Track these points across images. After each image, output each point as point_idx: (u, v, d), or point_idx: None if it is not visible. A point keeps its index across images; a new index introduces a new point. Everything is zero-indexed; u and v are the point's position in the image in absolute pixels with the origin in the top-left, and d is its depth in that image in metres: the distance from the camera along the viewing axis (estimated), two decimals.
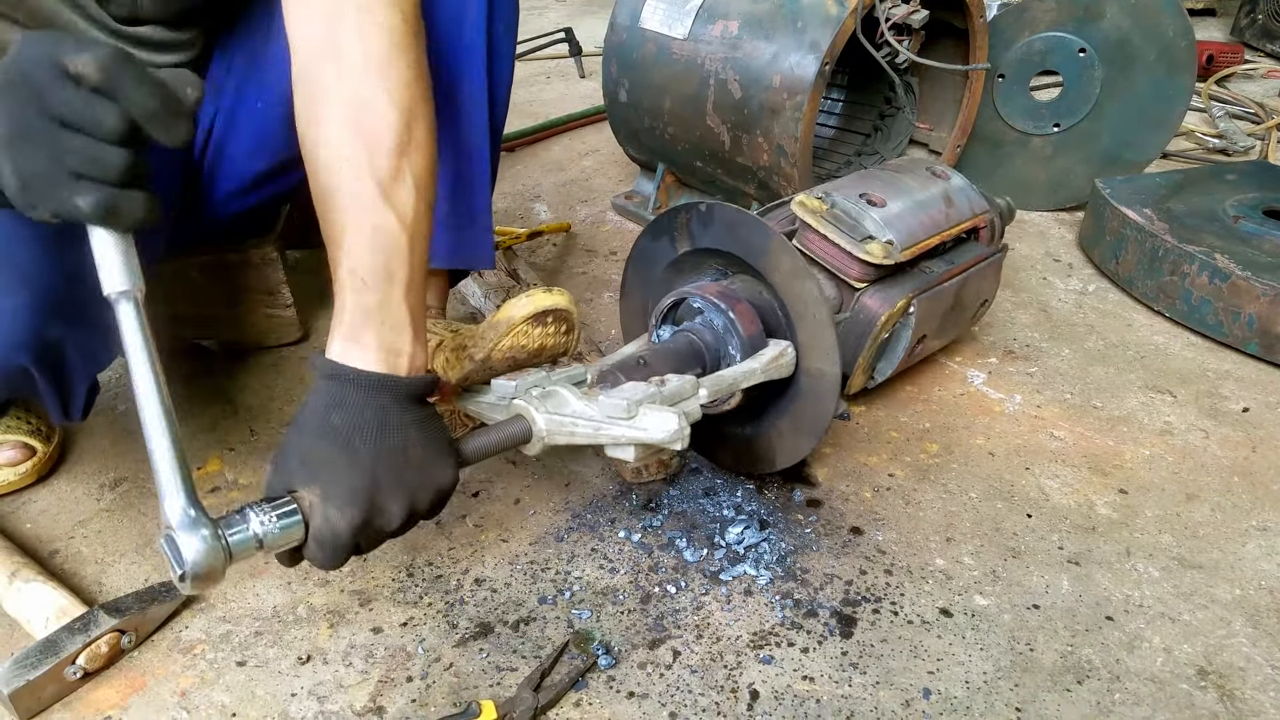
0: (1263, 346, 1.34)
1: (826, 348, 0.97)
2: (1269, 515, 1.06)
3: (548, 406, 0.87)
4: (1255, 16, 3.02)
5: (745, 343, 0.99)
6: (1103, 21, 1.67)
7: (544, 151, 2.22)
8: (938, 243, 1.16)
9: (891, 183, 1.19)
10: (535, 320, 0.96)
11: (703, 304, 1.01)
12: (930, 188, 1.20)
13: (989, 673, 0.86)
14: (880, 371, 1.19)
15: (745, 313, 0.99)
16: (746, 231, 1.00)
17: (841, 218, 1.11)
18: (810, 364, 0.99)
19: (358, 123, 0.79)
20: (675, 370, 0.97)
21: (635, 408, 0.84)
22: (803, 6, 1.40)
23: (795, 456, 1.06)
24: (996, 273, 1.27)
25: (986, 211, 1.24)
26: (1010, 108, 1.74)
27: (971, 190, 1.24)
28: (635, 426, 0.84)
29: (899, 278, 1.13)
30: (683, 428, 0.82)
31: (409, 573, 0.97)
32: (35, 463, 1.08)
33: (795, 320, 0.99)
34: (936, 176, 1.23)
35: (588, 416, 0.85)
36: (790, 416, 1.03)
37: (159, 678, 0.85)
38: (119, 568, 0.98)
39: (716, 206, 1.01)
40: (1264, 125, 2.26)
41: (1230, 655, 0.88)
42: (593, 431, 0.85)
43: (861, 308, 1.13)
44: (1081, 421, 1.22)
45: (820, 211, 1.11)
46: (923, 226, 1.15)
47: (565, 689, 0.83)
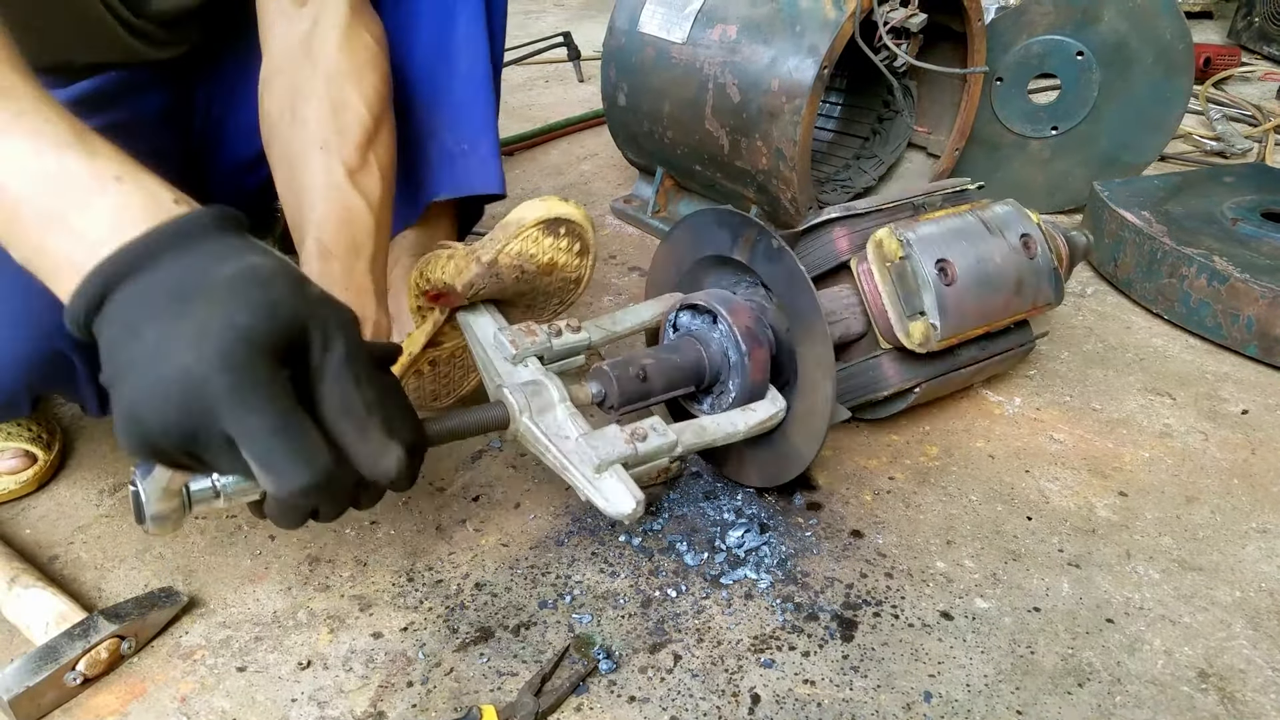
0: (1262, 349, 1.34)
1: (813, 435, 0.98)
2: (1269, 517, 1.06)
3: (533, 407, 0.87)
4: (1252, 19, 3.02)
5: (747, 387, 0.99)
6: (1100, 25, 1.67)
7: (542, 156, 2.22)
8: (980, 334, 1.13)
9: (977, 246, 1.09)
10: (547, 228, 0.93)
11: (724, 331, 1.00)
12: (1009, 270, 1.11)
13: (990, 675, 0.86)
14: (862, 414, 1.20)
15: (759, 360, 0.98)
16: (799, 296, 0.97)
17: (907, 278, 1.06)
18: (793, 432, 1.00)
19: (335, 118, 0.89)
20: (670, 386, 0.98)
21: (605, 467, 0.84)
22: (801, 11, 1.40)
23: (744, 482, 1.08)
24: (1023, 356, 1.26)
25: (1049, 304, 1.17)
26: (1008, 111, 1.74)
27: (1046, 275, 1.15)
28: (596, 488, 0.83)
29: (926, 357, 1.11)
30: (636, 512, 0.82)
31: (409, 577, 0.97)
32: (36, 470, 1.08)
33: (800, 395, 0.99)
34: (1025, 250, 1.13)
35: (559, 448, 0.85)
36: (757, 451, 1.04)
37: (159, 684, 0.85)
38: (119, 573, 0.98)
39: (787, 255, 0.97)
40: (1261, 127, 2.26)
41: (1231, 657, 0.88)
42: (558, 466, 0.86)
43: (875, 366, 1.12)
44: (1081, 424, 1.22)
45: (891, 260, 1.06)
46: (974, 317, 1.09)
47: (566, 694, 0.83)
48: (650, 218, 1.77)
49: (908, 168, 1.74)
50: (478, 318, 1.02)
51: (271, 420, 0.50)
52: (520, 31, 3.33)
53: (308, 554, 1.00)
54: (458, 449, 1.17)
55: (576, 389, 0.93)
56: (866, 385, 1.13)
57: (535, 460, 1.14)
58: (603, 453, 0.84)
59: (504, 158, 2.14)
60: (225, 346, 0.48)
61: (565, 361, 0.99)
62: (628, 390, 0.95)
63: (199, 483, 0.68)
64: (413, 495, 1.09)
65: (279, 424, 0.51)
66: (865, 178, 1.73)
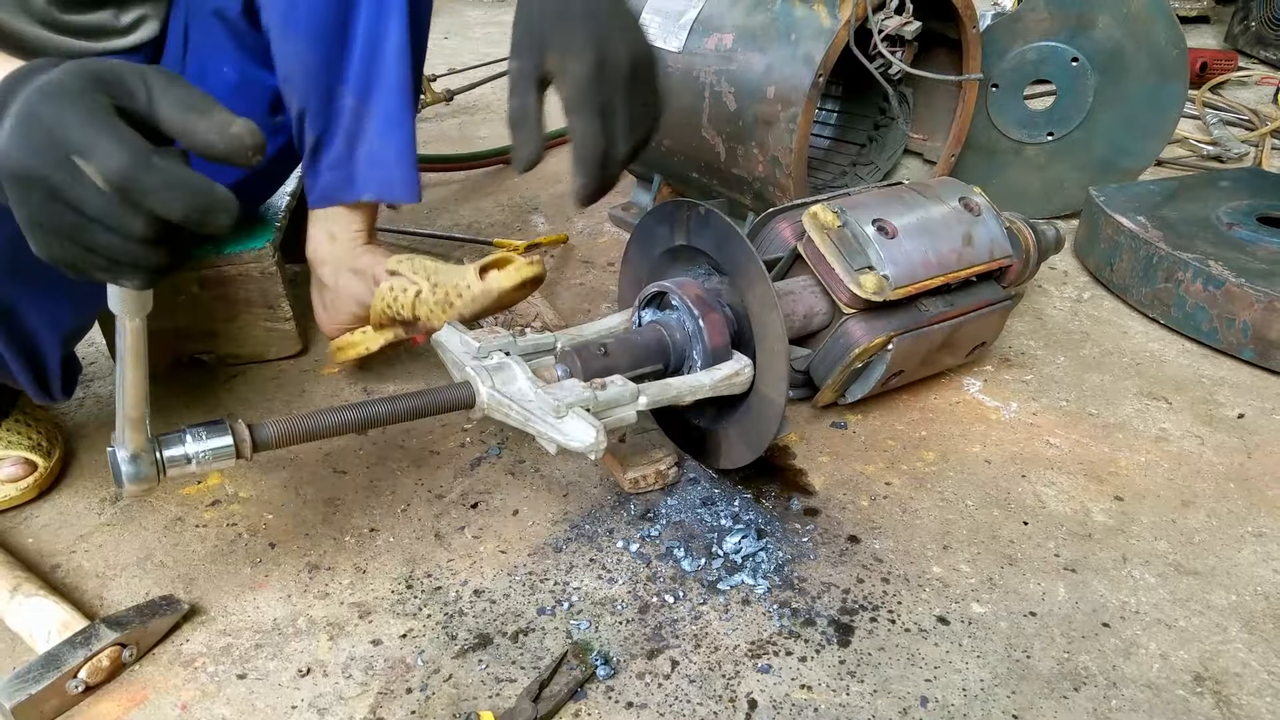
0: (1257, 353, 1.35)
1: (777, 378, 0.99)
2: (1264, 521, 1.07)
3: (496, 380, 0.91)
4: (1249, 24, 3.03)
5: (709, 352, 1.01)
6: (1095, 31, 1.68)
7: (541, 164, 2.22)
8: (939, 284, 1.15)
9: (915, 209, 1.16)
10: (516, 289, 1.11)
11: (678, 304, 1.03)
12: (953, 223, 1.16)
13: (986, 680, 0.86)
14: (851, 393, 1.21)
15: (715, 323, 1.01)
16: (732, 247, 1.01)
17: (848, 240, 1.10)
18: (762, 387, 1.02)
19: None
20: (635, 363, 1.01)
21: (565, 410, 0.87)
22: (796, 19, 1.41)
23: (737, 463, 1.08)
24: (1001, 318, 1.26)
25: (1008, 256, 1.20)
26: (1004, 117, 1.75)
27: (999, 232, 1.19)
28: (558, 429, 0.87)
29: (888, 311, 1.13)
30: (599, 441, 0.85)
31: (408, 584, 0.98)
32: (36, 478, 1.09)
33: (757, 343, 1.02)
34: (967, 210, 1.18)
35: (523, 403, 0.89)
36: (739, 426, 1.06)
37: (160, 691, 0.86)
38: (120, 581, 0.98)
39: (712, 215, 1.02)
40: (1258, 132, 2.27)
41: (1226, 661, 0.89)
42: (522, 420, 0.89)
43: (843, 332, 1.14)
44: (1077, 429, 1.23)
45: (830, 228, 1.11)
46: (927, 266, 1.13)
47: (564, 700, 0.84)
48: None
49: (904, 174, 1.75)
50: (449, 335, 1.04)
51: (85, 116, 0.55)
52: None
53: (307, 561, 1.01)
54: (457, 457, 1.17)
55: (542, 370, 0.97)
56: (839, 353, 1.14)
57: (533, 467, 1.15)
58: (561, 396, 0.88)
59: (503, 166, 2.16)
60: (44, 84, 0.56)
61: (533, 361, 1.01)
62: (592, 366, 0.98)
63: (171, 449, 0.78)
64: (411, 502, 1.09)
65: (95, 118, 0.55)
66: (862, 184, 1.73)
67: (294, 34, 1.05)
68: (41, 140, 0.55)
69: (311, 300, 1.31)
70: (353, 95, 1.09)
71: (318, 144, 1.15)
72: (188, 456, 0.79)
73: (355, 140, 1.13)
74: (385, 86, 1.09)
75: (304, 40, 1.05)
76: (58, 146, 0.55)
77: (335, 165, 1.15)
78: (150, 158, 0.55)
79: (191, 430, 0.80)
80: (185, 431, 0.80)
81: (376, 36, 1.06)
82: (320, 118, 1.12)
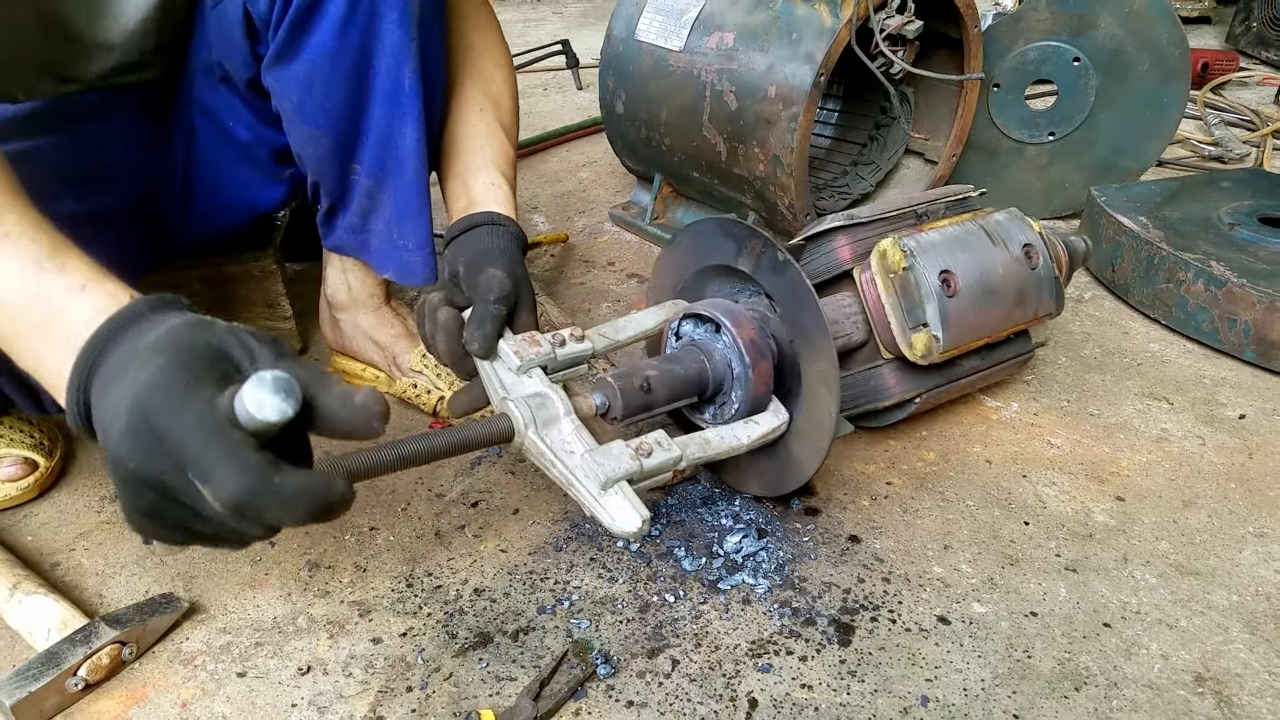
0: (1259, 353, 1.35)
1: (815, 449, 0.98)
2: (1265, 521, 1.06)
3: (538, 420, 0.87)
4: (1250, 24, 3.03)
5: (750, 399, 0.99)
6: (1097, 31, 1.68)
7: (541, 163, 2.23)
8: (981, 345, 1.13)
9: (981, 259, 1.09)
10: None
11: (728, 342, 1.00)
12: (1011, 280, 1.11)
13: (987, 680, 0.86)
14: (862, 423, 1.20)
15: (763, 373, 0.99)
16: (804, 313, 0.97)
17: (910, 289, 1.06)
18: (794, 445, 1.00)
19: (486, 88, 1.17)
20: (673, 397, 0.98)
21: (610, 484, 0.84)
22: (798, 18, 1.41)
23: (744, 489, 1.09)
24: (1022, 366, 1.26)
25: (1050, 314, 1.18)
26: (1005, 116, 1.75)
27: (1048, 284, 1.15)
28: (602, 505, 0.83)
29: (927, 369, 1.11)
30: (642, 529, 0.82)
31: (408, 583, 0.98)
32: (37, 478, 1.09)
33: (803, 410, 0.99)
34: (1027, 262, 1.13)
35: (565, 463, 0.85)
36: (758, 461, 1.04)
37: (160, 689, 0.86)
38: (120, 579, 0.98)
39: (791, 269, 0.97)
40: (1259, 132, 2.27)
41: (1227, 661, 0.89)
42: (564, 481, 0.86)
43: (877, 376, 1.13)
44: (1078, 429, 1.23)
45: (895, 271, 1.06)
46: (976, 328, 1.09)
47: (564, 698, 0.84)
48: (648, 224, 1.78)
49: (905, 174, 1.74)
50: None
51: (197, 427, 0.53)
52: (519, 39, 3.34)
53: (307, 560, 1.01)
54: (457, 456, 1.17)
55: (580, 400, 0.93)
56: (867, 395, 1.14)
57: (533, 466, 1.15)
58: (608, 469, 0.84)
59: None
60: (151, 379, 0.55)
61: (569, 371, 0.99)
62: (631, 402, 0.95)
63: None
64: (412, 501, 1.09)
65: (207, 432, 0.53)
66: (863, 184, 1.74)
67: (306, 122, 1.05)
68: (156, 448, 0.54)
69: (320, 314, 1.32)
70: (367, 176, 1.10)
71: (333, 208, 1.15)
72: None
73: (370, 215, 1.13)
74: (402, 179, 1.09)
75: (316, 128, 1.05)
76: (172, 457, 0.54)
77: (350, 230, 1.16)
78: (270, 480, 0.54)
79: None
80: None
81: (390, 132, 1.06)
82: (335, 190, 1.12)
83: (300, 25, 0.98)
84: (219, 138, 1.15)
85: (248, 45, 1.03)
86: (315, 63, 1.00)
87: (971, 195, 1.22)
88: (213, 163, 1.17)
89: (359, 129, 1.06)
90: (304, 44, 0.99)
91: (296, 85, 1.02)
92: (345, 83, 1.02)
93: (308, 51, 0.99)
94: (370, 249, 1.16)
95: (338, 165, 1.09)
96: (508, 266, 0.99)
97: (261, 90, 1.06)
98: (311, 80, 1.01)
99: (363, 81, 1.02)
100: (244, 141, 1.15)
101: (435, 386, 1.21)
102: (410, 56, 1.02)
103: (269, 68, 1.02)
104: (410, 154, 1.07)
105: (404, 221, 1.11)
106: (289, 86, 1.02)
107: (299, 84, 1.01)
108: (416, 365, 1.23)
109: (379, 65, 1.02)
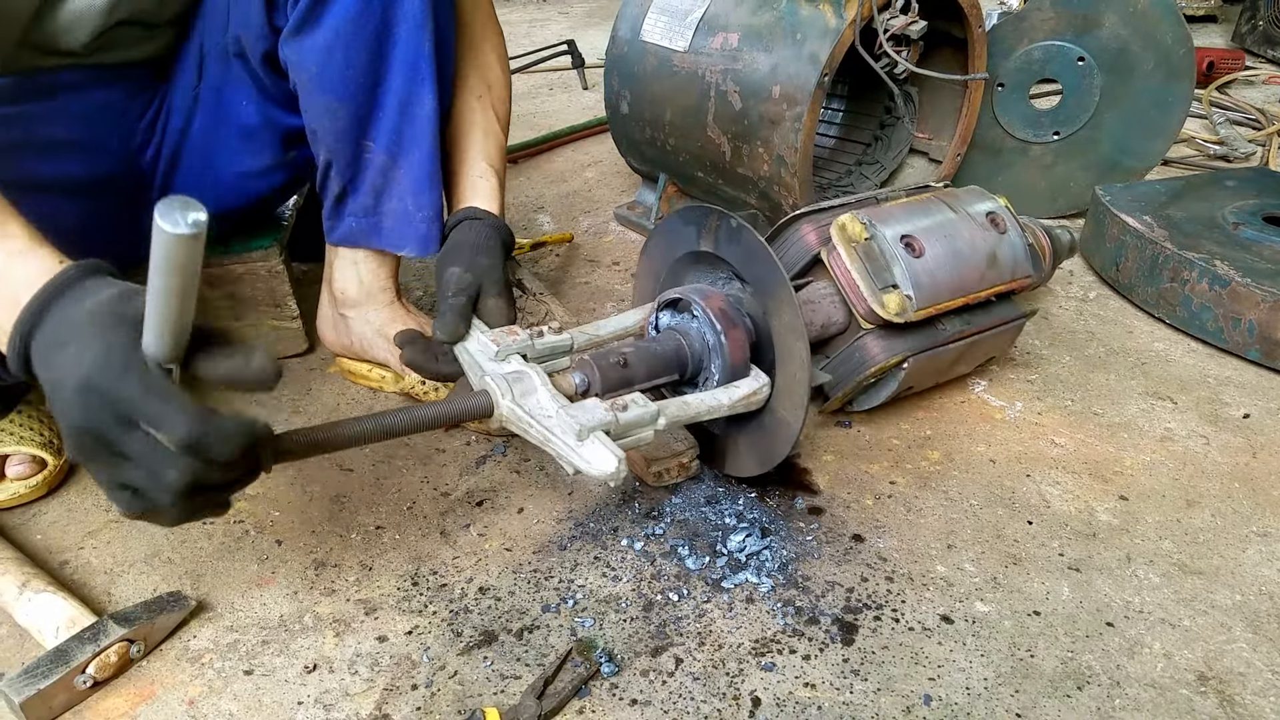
0: (1263, 353, 1.35)
1: (796, 404, 0.99)
2: (1269, 521, 1.06)
3: (515, 391, 0.90)
4: (1256, 23, 3.03)
5: (728, 367, 1.01)
6: (1101, 30, 1.68)
7: (547, 163, 2.23)
8: (959, 305, 1.14)
9: (943, 225, 1.13)
10: None
11: (700, 315, 1.02)
12: (978, 242, 1.14)
13: (990, 679, 0.87)
14: (860, 403, 1.21)
15: (737, 340, 1.00)
16: (762, 268, 1.00)
17: (874, 255, 1.09)
18: (778, 408, 1.01)
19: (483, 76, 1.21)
20: (652, 374, 1.00)
21: (586, 434, 0.85)
22: (802, 19, 1.42)
23: (744, 472, 1.09)
24: (1013, 335, 1.26)
25: (1028, 276, 1.19)
26: (1010, 116, 1.75)
27: (1022, 250, 1.17)
28: (579, 454, 0.85)
29: (906, 330, 1.13)
30: (619, 471, 0.83)
31: (414, 581, 0.98)
32: (46, 475, 1.10)
33: (779, 366, 1.01)
34: (993, 228, 1.16)
35: (542, 420, 0.88)
36: (750, 437, 1.05)
37: (167, 687, 0.86)
38: (128, 578, 0.99)
39: (745, 231, 1.00)
40: (1265, 131, 2.26)
41: (1230, 660, 0.89)
42: (541, 439, 0.88)
43: (860, 347, 1.14)
44: (1082, 428, 1.23)
45: (857, 242, 1.09)
46: (950, 287, 1.11)
47: (568, 697, 0.84)
48: (653, 224, 1.78)
49: (910, 173, 1.75)
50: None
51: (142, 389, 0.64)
52: (525, 40, 3.35)
53: (314, 558, 1.01)
54: (462, 455, 1.18)
55: (559, 378, 0.95)
56: (854, 367, 1.15)
57: (538, 465, 1.15)
58: (583, 420, 0.86)
59: (509, 165, 2.16)
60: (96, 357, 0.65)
61: (549, 363, 1.01)
62: (610, 377, 0.97)
63: None
64: (417, 500, 1.10)
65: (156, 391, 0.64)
66: (867, 184, 1.74)
67: (324, 91, 1.06)
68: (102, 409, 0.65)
69: (321, 317, 1.32)
70: (383, 152, 1.11)
71: (343, 192, 1.16)
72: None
73: (382, 194, 1.14)
74: (419, 149, 1.10)
75: (334, 98, 1.06)
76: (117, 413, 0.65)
77: (361, 214, 1.17)
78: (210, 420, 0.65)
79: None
80: None
81: (409, 100, 1.07)
82: (348, 170, 1.13)
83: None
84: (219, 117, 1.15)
85: (265, 17, 1.04)
86: (337, 30, 1.01)
87: (934, 185, 1.27)
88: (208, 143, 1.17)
89: (376, 99, 1.07)
90: (325, 11, 1.01)
91: (316, 54, 1.03)
92: (366, 50, 1.03)
93: (330, 17, 1.01)
94: (383, 230, 1.17)
95: (353, 141, 1.10)
96: (469, 260, 1.03)
97: (276, 66, 1.07)
98: (332, 48, 1.03)
99: (383, 49, 1.04)
100: (251, 123, 1.15)
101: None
102: (428, 23, 1.03)
103: (288, 38, 1.03)
104: (428, 122, 1.09)
105: (420, 192, 1.13)
106: (308, 56, 1.04)
107: (319, 52, 1.03)
108: None
109: (399, 32, 1.03)
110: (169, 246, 0.57)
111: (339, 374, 1.35)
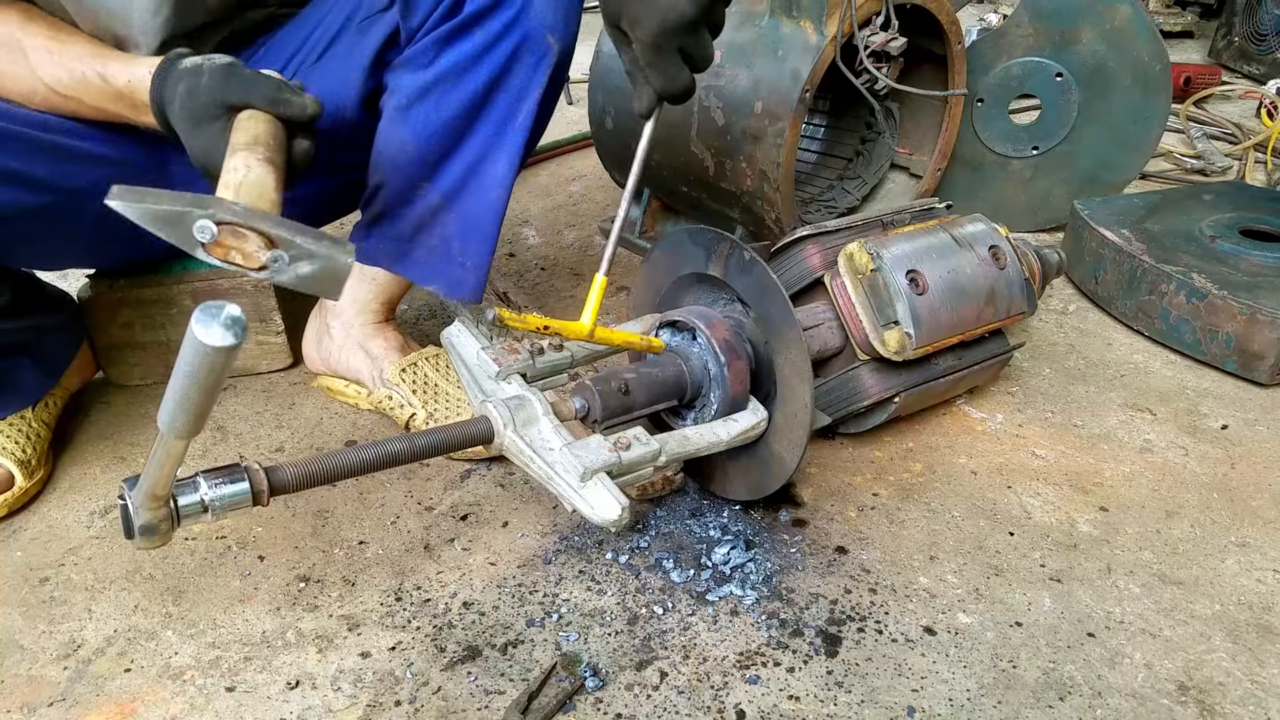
0: (1240, 364, 1.36)
1: (794, 443, 1.00)
2: (1248, 531, 1.08)
3: (516, 420, 0.89)
4: (1232, 39, 3.07)
5: (727, 399, 1.01)
6: (1079, 46, 1.70)
7: (532, 177, 2.24)
8: (955, 342, 1.15)
9: (948, 259, 1.12)
10: None
11: (703, 344, 1.02)
12: (980, 279, 1.14)
13: (972, 690, 0.87)
14: (845, 428, 1.22)
15: (739, 372, 1.00)
16: (772, 305, 1.00)
17: (879, 290, 1.09)
18: (774, 440, 1.02)
19: None
20: (652, 401, 1.00)
21: (590, 476, 0.85)
22: (783, 35, 1.43)
23: (730, 495, 1.09)
24: (1000, 367, 1.27)
25: (1022, 313, 1.20)
26: (989, 131, 1.77)
27: (1018, 285, 1.18)
28: (583, 497, 0.85)
29: (902, 365, 1.13)
30: (622, 518, 0.83)
31: (397, 596, 0.98)
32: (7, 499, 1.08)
33: (780, 402, 1.01)
34: (995, 263, 1.16)
35: (545, 459, 0.87)
36: (741, 465, 1.06)
37: (149, 704, 0.86)
38: (109, 594, 0.98)
39: (757, 264, 1.00)
40: (1241, 145, 2.29)
41: (1210, 670, 0.90)
42: (543, 476, 0.88)
43: (854, 378, 1.15)
44: (1063, 440, 1.24)
45: (863, 273, 1.09)
46: (949, 325, 1.12)
47: (553, 711, 0.84)
48: (638, 238, 1.79)
49: (891, 188, 1.76)
50: (461, 337, 1.04)
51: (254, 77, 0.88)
52: None
53: (296, 574, 1.01)
54: (446, 469, 1.18)
55: (560, 403, 0.94)
56: (846, 397, 1.15)
57: (523, 479, 1.15)
58: (587, 461, 0.86)
59: None
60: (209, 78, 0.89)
61: (549, 380, 1.00)
62: (610, 404, 0.96)
63: (186, 497, 0.73)
64: (401, 515, 1.10)
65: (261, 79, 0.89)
66: (849, 198, 1.75)
67: (405, 125, 1.08)
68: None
69: (306, 336, 1.32)
70: (438, 195, 1.11)
71: (382, 215, 1.15)
72: (204, 504, 0.74)
73: (422, 230, 1.14)
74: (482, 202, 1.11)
75: (409, 136, 1.08)
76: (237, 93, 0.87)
77: (394, 238, 1.16)
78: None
79: (207, 477, 0.75)
80: (199, 478, 0.75)
81: (484, 158, 1.09)
82: (395, 199, 1.13)
83: (444, 41, 1.03)
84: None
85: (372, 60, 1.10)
86: (440, 75, 1.05)
87: (937, 206, 1.26)
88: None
89: (450, 150, 1.09)
90: (438, 58, 1.04)
91: (413, 90, 1.06)
92: (457, 105, 1.06)
93: (437, 64, 1.04)
94: (409, 260, 1.17)
95: (410, 178, 1.11)
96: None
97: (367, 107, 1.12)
98: (428, 90, 1.06)
99: (474, 110, 1.07)
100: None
101: (409, 403, 1.21)
102: (533, 97, 1.07)
103: (396, 67, 1.08)
104: (498, 182, 1.10)
105: (470, 240, 1.13)
106: (405, 88, 1.07)
107: (415, 90, 1.06)
108: (395, 379, 1.23)
109: (497, 100, 1.07)
110: (203, 356, 0.54)
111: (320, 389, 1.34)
